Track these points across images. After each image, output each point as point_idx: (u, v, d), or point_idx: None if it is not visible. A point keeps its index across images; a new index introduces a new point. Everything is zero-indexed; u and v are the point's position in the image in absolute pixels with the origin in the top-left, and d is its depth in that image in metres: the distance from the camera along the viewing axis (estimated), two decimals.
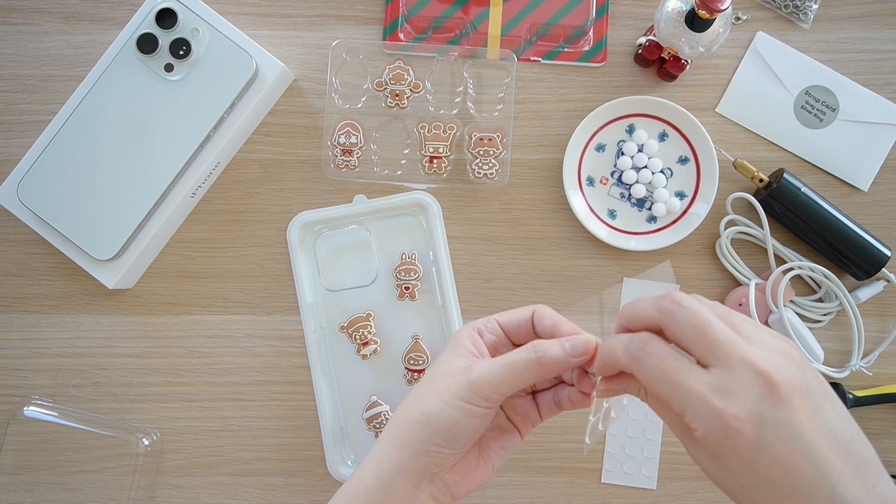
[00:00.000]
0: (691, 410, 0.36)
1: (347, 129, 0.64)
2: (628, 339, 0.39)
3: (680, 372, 0.37)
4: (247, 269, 0.66)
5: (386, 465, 0.45)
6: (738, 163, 0.64)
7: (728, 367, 0.36)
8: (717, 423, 0.35)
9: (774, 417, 0.35)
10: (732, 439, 0.35)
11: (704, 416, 0.36)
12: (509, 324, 0.48)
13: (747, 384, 0.35)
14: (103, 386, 0.66)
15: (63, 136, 0.62)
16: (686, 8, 0.59)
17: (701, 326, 0.37)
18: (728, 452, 0.36)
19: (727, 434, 0.35)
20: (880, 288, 0.65)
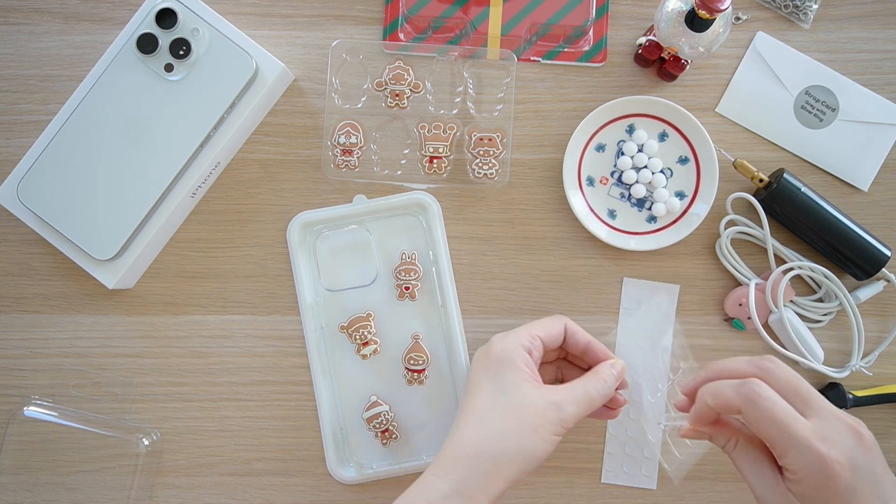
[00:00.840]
0: (796, 452, 0.42)
1: (347, 129, 0.64)
2: (740, 382, 0.45)
3: (788, 415, 0.43)
4: (247, 269, 0.66)
5: (481, 498, 0.48)
6: (738, 163, 0.64)
7: (825, 418, 0.43)
8: (820, 465, 0.41)
9: (865, 465, 0.42)
10: (833, 481, 0.41)
11: (809, 458, 0.42)
12: (548, 339, 0.54)
13: (843, 434, 0.43)
14: (103, 386, 0.66)
15: (63, 136, 0.62)
16: (686, 8, 0.59)
17: (796, 382, 0.45)
18: (825, 495, 0.41)
19: (829, 476, 0.41)
20: (880, 288, 0.65)
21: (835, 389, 0.63)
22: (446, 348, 0.65)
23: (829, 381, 0.64)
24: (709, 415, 0.48)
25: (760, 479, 0.46)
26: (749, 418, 0.44)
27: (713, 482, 0.64)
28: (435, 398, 0.65)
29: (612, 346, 0.65)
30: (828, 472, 0.41)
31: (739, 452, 0.48)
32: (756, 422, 0.44)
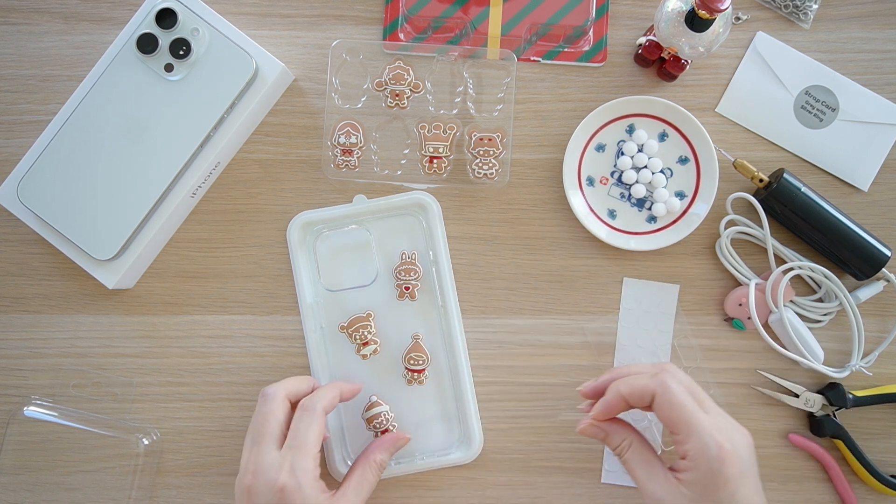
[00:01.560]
0: (698, 438, 0.46)
1: (347, 129, 0.64)
2: (655, 370, 0.51)
3: (693, 405, 0.48)
4: (247, 269, 0.66)
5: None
6: (738, 163, 0.64)
7: (718, 416, 0.49)
8: (717, 452, 0.46)
9: (748, 458, 0.48)
10: (725, 467, 0.45)
11: (709, 444, 0.46)
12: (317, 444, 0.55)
13: (733, 430, 0.48)
14: (103, 386, 0.66)
15: (63, 136, 0.62)
16: (686, 8, 0.59)
17: (694, 385, 0.51)
18: (715, 481, 0.45)
19: (723, 462, 0.45)
20: (880, 288, 0.65)
21: (835, 389, 0.63)
22: (446, 348, 0.65)
23: (829, 381, 0.64)
24: (617, 406, 0.52)
25: (652, 477, 0.50)
26: (661, 402, 0.48)
27: None
28: (435, 398, 0.65)
29: (612, 347, 0.65)
30: (722, 459, 0.46)
31: (633, 453, 0.51)
32: (668, 405, 0.48)
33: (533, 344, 0.65)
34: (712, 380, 0.65)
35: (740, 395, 0.65)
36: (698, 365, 0.65)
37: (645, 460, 0.51)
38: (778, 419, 0.65)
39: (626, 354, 0.65)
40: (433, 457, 0.64)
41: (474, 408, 0.64)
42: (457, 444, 0.64)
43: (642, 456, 0.51)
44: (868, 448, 0.64)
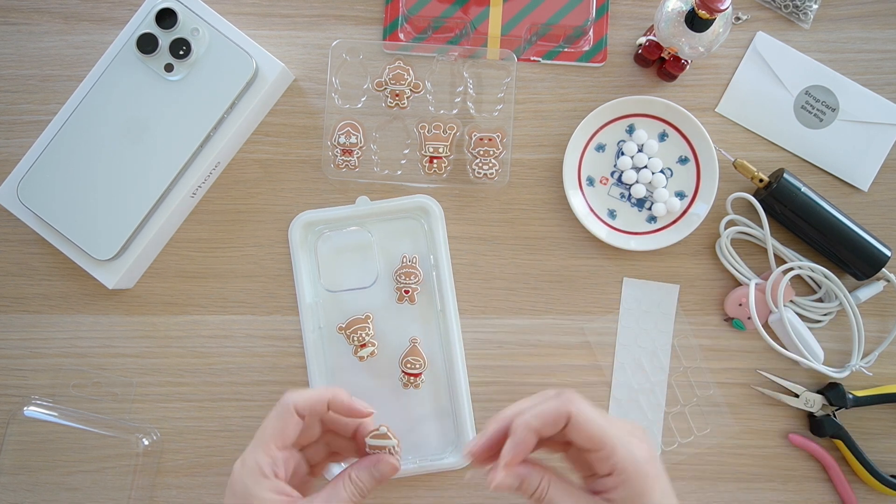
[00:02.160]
0: (623, 449, 0.44)
1: (347, 129, 0.64)
2: (556, 393, 0.47)
3: (607, 417, 0.46)
4: (247, 269, 0.66)
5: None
6: (738, 163, 0.64)
7: (631, 425, 0.47)
8: (643, 456, 0.45)
9: (658, 461, 0.46)
10: (650, 467, 0.44)
11: (634, 452, 0.44)
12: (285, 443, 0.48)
13: (637, 431, 0.47)
14: (103, 386, 0.66)
15: (63, 136, 0.62)
16: (686, 8, 0.59)
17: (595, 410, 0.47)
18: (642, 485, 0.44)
19: (648, 463, 0.45)
20: (880, 288, 0.65)
21: (835, 389, 0.63)
22: (443, 353, 0.65)
23: (829, 381, 0.64)
24: (529, 443, 0.46)
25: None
26: (578, 421, 0.45)
27: (713, 482, 0.65)
28: (430, 402, 0.65)
29: (612, 347, 0.65)
30: (647, 461, 0.45)
31: (555, 489, 0.46)
32: (586, 423, 0.45)
33: (533, 344, 0.65)
34: (712, 380, 0.65)
35: (740, 395, 0.65)
36: (698, 365, 0.65)
37: (569, 493, 0.46)
38: (778, 419, 0.65)
39: (626, 354, 0.65)
40: (427, 461, 0.64)
41: (469, 413, 0.64)
42: (451, 449, 0.64)
43: (565, 490, 0.46)
44: (868, 448, 0.64)
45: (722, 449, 0.65)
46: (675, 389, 0.65)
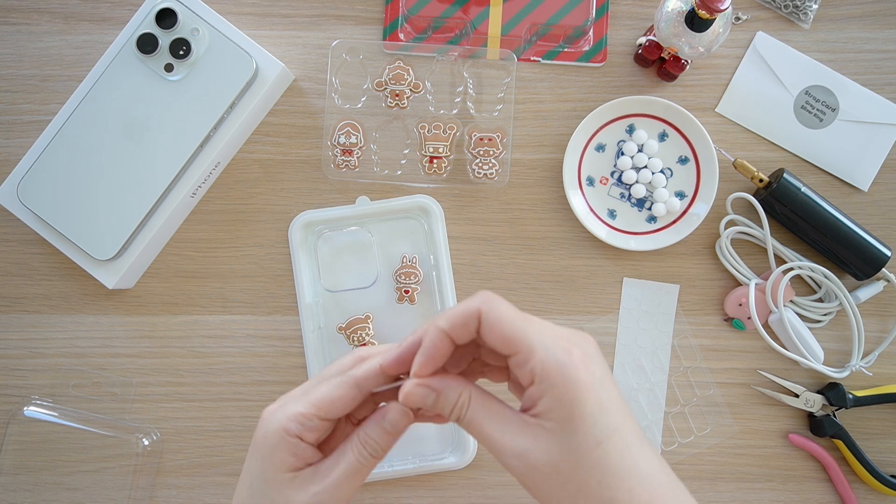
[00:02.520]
0: (542, 349, 0.37)
1: (347, 129, 0.64)
2: (473, 297, 0.40)
3: (526, 318, 0.39)
4: (247, 269, 0.66)
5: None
6: (738, 163, 0.64)
7: (566, 330, 0.40)
8: (568, 357, 0.37)
9: (602, 360, 0.39)
10: (583, 373, 0.37)
11: (555, 353, 0.37)
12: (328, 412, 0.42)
13: (574, 333, 0.40)
14: (103, 386, 0.66)
15: (63, 136, 0.62)
16: (686, 8, 0.59)
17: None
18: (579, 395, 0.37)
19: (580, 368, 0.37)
20: (880, 288, 0.65)
21: (835, 389, 0.63)
22: None
23: (829, 381, 0.64)
24: (442, 348, 0.40)
25: (507, 427, 0.39)
26: (489, 319, 0.38)
27: (713, 482, 0.65)
28: None
29: (612, 347, 0.65)
30: (575, 364, 0.37)
31: (476, 407, 0.40)
32: (498, 322, 0.38)
33: None
34: (712, 380, 0.65)
35: (740, 395, 0.65)
36: (698, 365, 0.65)
37: (492, 412, 0.39)
38: (778, 419, 0.65)
39: (626, 354, 0.65)
40: (427, 461, 0.64)
41: None
42: (451, 449, 0.64)
43: (488, 408, 0.40)
44: (868, 448, 0.64)
45: (722, 449, 0.65)
46: (675, 389, 0.65)
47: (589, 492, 0.37)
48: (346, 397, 0.42)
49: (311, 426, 0.41)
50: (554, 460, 0.37)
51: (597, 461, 0.37)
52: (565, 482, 0.37)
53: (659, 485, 0.38)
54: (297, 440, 0.41)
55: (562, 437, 0.37)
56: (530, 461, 0.38)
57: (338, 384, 0.42)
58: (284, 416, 0.41)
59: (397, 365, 0.41)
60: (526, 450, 0.38)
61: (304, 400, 0.42)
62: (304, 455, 0.42)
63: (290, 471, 0.41)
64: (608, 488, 0.37)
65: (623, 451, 0.37)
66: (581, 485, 0.37)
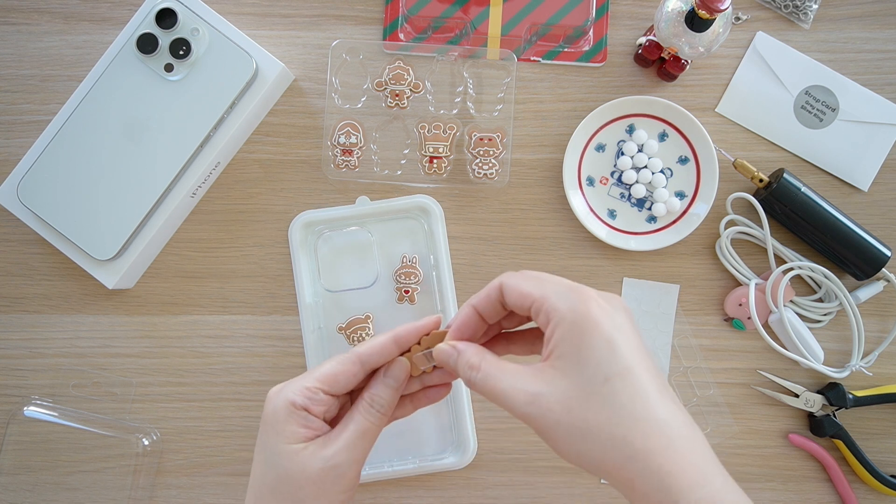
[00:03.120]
0: (553, 292, 0.39)
1: (347, 129, 0.64)
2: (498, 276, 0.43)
3: (543, 275, 0.41)
4: (247, 269, 0.66)
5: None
6: (738, 163, 0.64)
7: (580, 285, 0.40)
8: (578, 295, 0.38)
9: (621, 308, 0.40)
10: (593, 309, 0.38)
11: (566, 292, 0.39)
12: (333, 386, 0.44)
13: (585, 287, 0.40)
14: (103, 386, 0.66)
15: (63, 136, 0.62)
16: (686, 8, 0.59)
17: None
18: (591, 334, 0.37)
19: (588, 304, 0.38)
20: (880, 288, 0.65)
21: (835, 389, 0.63)
22: None
23: (829, 381, 0.64)
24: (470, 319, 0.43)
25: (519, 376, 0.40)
26: (508, 286, 0.41)
27: None
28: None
29: None
30: (584, 300, 0.38)
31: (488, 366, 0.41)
32: (515, 285, 0.41)
33: None
34: (712, 380, 0.65)
35: (740, 395, 0.65)
36: (698, 365, 0.65)
37: (504, 369, 0.41)
38: (778, 419, 0.65)
39: None
40: (427, 461, 0.64)
41: (469, 413, 0.64)
42: (451, 449, 0.64)
43: (500, 366, 0.41)
44: (868, 448, 0.64)
45: (722, 449, 0.65)
46: (675, 389, 0.65)
47: (600, 430, 0.37)
48: (348, 372, 0.44)
49: (317, 399, 0.43)
50: (564, 398, 0.37)
51: (605, 397, 0.37)
52: (578, 422, 0.37)
53: (679, 436, 0.37)
54: (305, 412, 0.43)
55: (571, 373, 0.38)
56: (542, 403, 0.38)
57: (341, 360, 0.44)
58: (290, 390, 0.43)
59: (407, 336, 0.44)
60: (538, 393, 0.38)
61: (308, 376, 0.44)
62: (312, 426, 0.43)
63: (301, 441, 0.43)
64: (618, 426, 0.36)
65: (635, 392, 0.37)
66: (592, 423, 0.37)
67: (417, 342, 0.45)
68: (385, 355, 0.45)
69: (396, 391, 0.45)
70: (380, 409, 0.44)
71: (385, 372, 0.45)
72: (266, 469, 0.43)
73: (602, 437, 0.36)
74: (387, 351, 0.44)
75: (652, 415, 0.37)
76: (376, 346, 0.44)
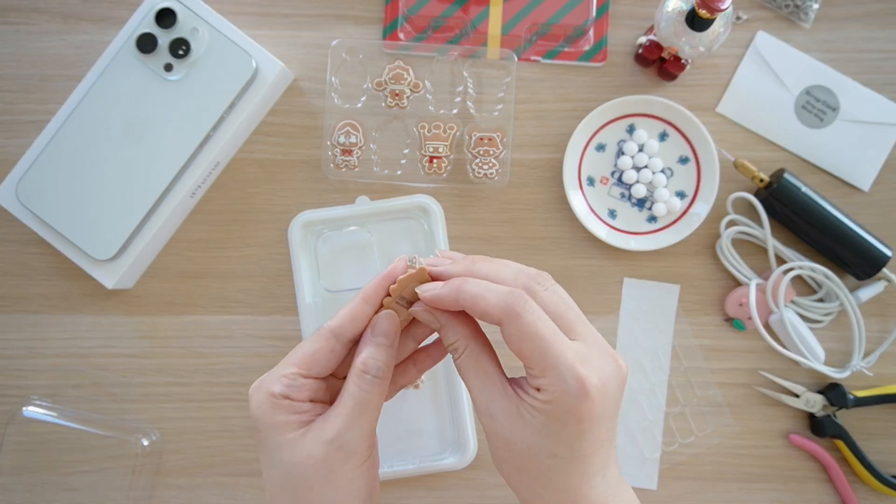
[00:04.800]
0: (556, 374, 0.37)
1: (347, 128, 0.64)
2: (507, 291, 0.39)
3: (553, 334, 0.38)
4: (247, 269, 0.66)
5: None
6: (738, 163, 0.64)
7: (590, 342, 0.39)
8: (577, 388, 0.37)
9: (614, 394, 0.39)
10: (584, 405, 0.37)
11: (569, 381, 0.37)
12: (310, 369, 0.42)
13: (603, 360, 0.39)
14: (103, 386, 0.66)
15: (62, 135, 0.62)
16: (686, 7, 0.59)
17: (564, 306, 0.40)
18: (568, 420, 0.38)
19: (581, 399, 0.37)
20: (881, 288, 0.64)
21: (836, 390, 0.63)
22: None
23: (829, 382, 0.64)
24: (450, 307, 0.41)
25: (486, 390, 0.40)
26: (510, 332, 0.38)
27: (713, 482, 0.64)
28: (429, 402, 0.64)
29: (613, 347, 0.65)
30: (581, 395, 0.37)
31: (467, 358, 0.41)
32: (517, 337, 0.38)
33: None
34: (713, 380, 0.65)
35: (741, 395, 0.65)
36: (698, 365, 0.65)
37: (480, 368, 0.40)
38: (778, 419, 0.65)
39: (626, 354, 0.65)
40: (427, 461, 0.63)
41: (469, 413, 0.63)
42: (451, 450, 0.64)
43: (478, 364, 0.40)
44: (869, 448, 0.64)
45: (722, 449, 0.65)
46: (676, 389, 0.65)
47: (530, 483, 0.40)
48: (323, 349, 0.42)
49: (297, 385, 0.41)
50: (513, 441, 0.39)
51: (543, 470, 0.39)
52: (516, 459, 0.40)
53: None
54: (288, 401, 0.41)
55: (528, 434, 0.39)
56: (494, 428, 0.40)
57: (313, 338, 0.42)
58: (268, 381, 0.42)
59: (375, 291, 0.42)
60: (495, 415, 0.40)
61: (284, 362, 0.42)
62: (301, 410, 0.41)
63: (296, 428, 0.41)
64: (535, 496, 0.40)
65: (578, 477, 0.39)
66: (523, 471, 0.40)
67: (388, 294, 0.42)
68: (358, 320, 0.42)
69: (389, 348, 0.42)
70: (375, 372, 0.41)
71: (371, 331, 0.42)
72: (271, 467, 0.42)
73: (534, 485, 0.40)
74: (359, 315, 0.42)
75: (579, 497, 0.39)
76: (345, 315, 0.42)
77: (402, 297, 0.42)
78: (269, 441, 0.41)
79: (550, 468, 0.39)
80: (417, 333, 0.45)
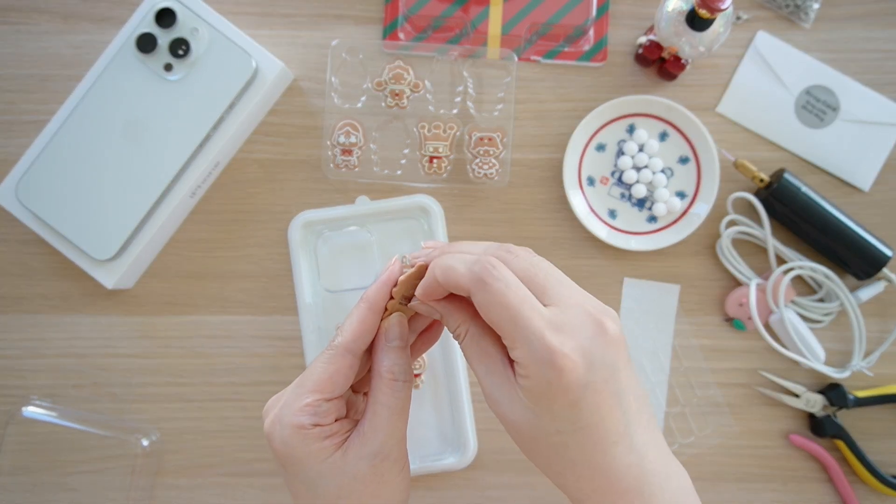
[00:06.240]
0: (526, 344, 0.36)
1: (347, 128, 0.64)
2: (474, 259, 0.38)
3: (523, 302, 0.36)
4: (247, 269, 0.66)
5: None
6: (738, 163, 0.64)
7: (565, 307, 0.37)
8: (549, 359, 0.35)
9: (602, 358, 0.36)
10: (562, 376, 0.35)
11: (539, 351, 0.35)
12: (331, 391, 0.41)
13: (582, 324, 0.36)
14: (102, 386, 0.66)
15: (62, 135, 0.62)
16: (686, 7, 0.59)
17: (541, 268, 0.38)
18: (553, 392, 0.36)
19: (558, 371, 0.35)
20: (881, 288, 0.64)
21: (836, 390, 0.63)
22: (442, 353, 0.64)
23: (830, 382, 0.64)
24: (436, 290, 0.40)
25: (490, 374, 0.39)
26: (479, 302, 0.37)
27: (713, 482, 0.64)
28: (430, 403, 0.64)
29: None
30: (557, 367, 0.35)
31: (470, 341, 0.40)
32: (486, 306, 0.37)
33: None
34: (713, 380, 0.65)
35: (741, 395, 0.65)
36: (699, 365, 0.65)
37: (483, 353, 0.39)
38: (779, 419, 0.65)
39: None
40: (427, 461, 0.63)
41: (470, 413, 0.63)
42: (451, 450, 0.64)
43: (479, 347, 0.39)
44: (869, 448, 0.64)
45: (722, 449, 0.65)
46: (676, 390, 0.65)
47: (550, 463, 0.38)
48: (343, 368, 0.41)
49: (322, 411, 0.40)
50: (518, 424, 0.38)
51: (555, 447, 0.37)
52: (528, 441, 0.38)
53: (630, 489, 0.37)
54: (318, 428, 0.40)
55: (527, 415, 0.37)
56: (501, 412, 0.38)
57: (329, 359, 0.41)
58: (290, 415, 0.40)
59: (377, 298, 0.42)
60: (499, 401, 0.38)
61: (301, 391, 0.41)
62: (332, 433, 0.40)
63: (334, 451, 0.40)
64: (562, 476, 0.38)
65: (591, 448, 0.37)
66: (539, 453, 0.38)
67: (391, 297, 0.42)
68: (370, 332, 0.42)
69: (406, 349, 0.42)
70: (404, 377, 0.41)
71: (386, 337, 0.42)
72: (315, 497, 0.40)
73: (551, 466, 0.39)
74: (370, 326, 0.42)
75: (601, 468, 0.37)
76: (357, 328, 0.41)
77: (402, 296, 0.42)
78: (308, 471, 0.40)
79: (560, 444, 0.37)
80: (418, 326, 0.45)
